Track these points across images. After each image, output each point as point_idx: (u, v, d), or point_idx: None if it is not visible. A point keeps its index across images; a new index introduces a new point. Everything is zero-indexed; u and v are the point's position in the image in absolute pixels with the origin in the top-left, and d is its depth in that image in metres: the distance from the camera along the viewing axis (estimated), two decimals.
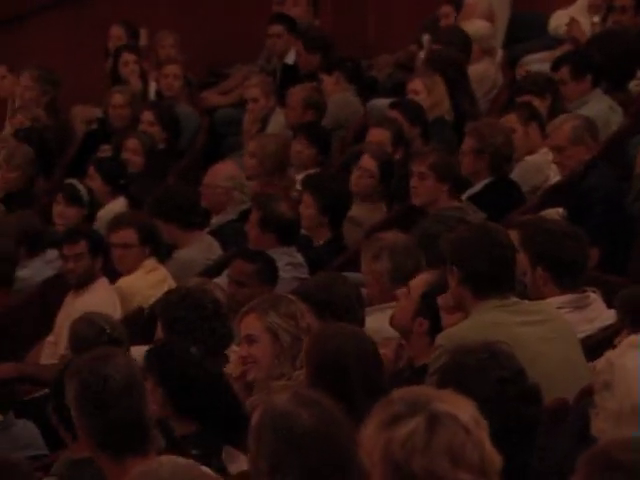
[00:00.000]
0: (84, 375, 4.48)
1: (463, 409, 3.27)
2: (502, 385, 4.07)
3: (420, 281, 5.74)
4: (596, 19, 11.21)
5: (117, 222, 8.71)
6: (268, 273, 7.21)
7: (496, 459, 3.24)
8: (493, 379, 4.06)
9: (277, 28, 12.51)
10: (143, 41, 13.14)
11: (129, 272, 8.39)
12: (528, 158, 8.65)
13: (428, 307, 5.60)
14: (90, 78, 13.04)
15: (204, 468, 3.70)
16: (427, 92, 10.26)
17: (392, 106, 9.77)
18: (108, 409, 4.43)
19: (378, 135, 9.38)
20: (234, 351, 6.06)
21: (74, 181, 10.20)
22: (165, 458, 4.16)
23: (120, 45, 12.77)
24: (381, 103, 10.67)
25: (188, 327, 6.15)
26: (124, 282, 8.33)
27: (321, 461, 3.60)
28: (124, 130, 11.27)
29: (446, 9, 11.96)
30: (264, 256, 7.48)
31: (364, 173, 8.86)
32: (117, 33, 12.97)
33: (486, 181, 8.08)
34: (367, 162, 8.87)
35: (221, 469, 4.84)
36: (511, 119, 8.78)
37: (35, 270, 9.22)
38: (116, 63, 12.52)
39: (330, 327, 5.22)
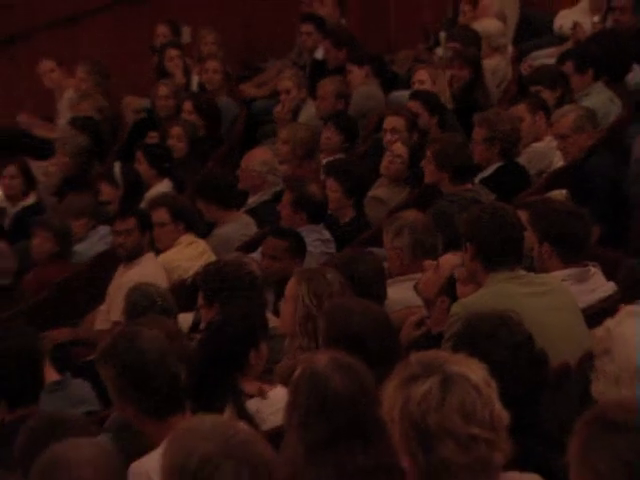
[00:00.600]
0: (123, 356, 4.52)
1: (474, 371, 3.28)
2: (512, 350, 4.08)
3: (449, 262, 5.76)
4: (596, 19, 11.16)
5: (151, 204, 8.79)
6: (298, 248, 7.21)
7: (504, 416, 3.25)
8: (504, 344, 4.07)
9: (307, 27, 12.54)
10: (186, 38, 13.14)
11: (167, 249, 8.42)
12: (535, 144, 8.62)
13: (451, 288, 5.63)
14: (139, 72, 13.03)
15: (241, 423, 3.71)
16: (432, 82, 10.34)
17: (412, 97, 9.75)
18: (150, 380, 4.47)
19: (393, 122, 9.30)
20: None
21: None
22: (205, 415, 4.20)
23: (165, 42, 12.81)
24: (401, 95, 10.69)
25: (226, 297, 6.19)
26: (163, 258, 8.35)
27: (346, 423, 3.61)
28: (169, 119, 11.29)
29: (465, 7, 11.91)
30: (294, 233, 7.48)
31: (395, 159, 8.85)
32: (162, 31, 13.01)
33: (496, 165, 8.05)
34: (399, 148, 8.87)
35: None
36: (520, 109, 8.73)
37: (89, 245, 9.27)
38: (162, 58, 12.54)
39: (343, 302, 5.20)
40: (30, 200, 10.47)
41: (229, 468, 3.09)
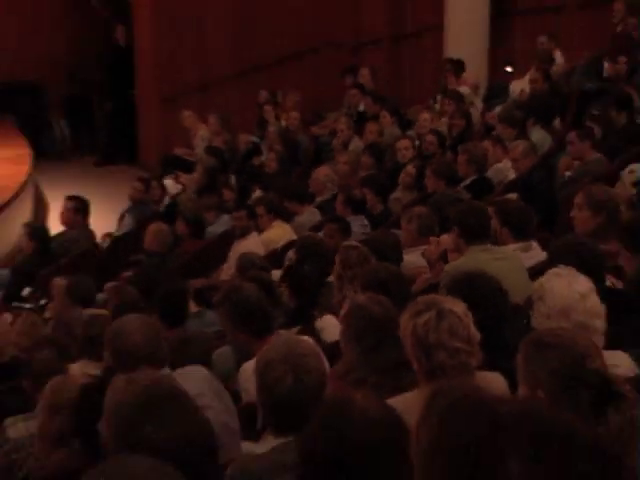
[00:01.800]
0: (234, 300, 4.54)
1: (457, 306, 3.31)
2: (485, 293, 4.06)
3: (445, 240, 5.75)
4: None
5: (255, 202, 8.82)
6: (345, 230, 7.20)
7: (476, 335, 3.27)
8: (480, 289, 4.05)
9: (354, 90, 12.56)
10: (279, 98, 13.16)
11: (265, 231, 8.40)
12: (496, 165, 8.57)
13: (445, 256, 5.63)
14: (248, 118, 13.06)
15: (306, 338, 3.72)
16: (431, 120, 10.36)
17: (430, 132, 9.84)
18: (254, 312, 4.48)
19: (405, 143, 9.58)
20: None
21: None
22: (283, 334, 4.22)
23: (264, 101, 12.84)
24: (412, 133, 10.69)
25: (305, 258, 6.19)
26: (262, 236, 8.32)
27: (383, 336, 3.61)
28: (269, 148, 11.36)
29: (451, 79, 11.87)
30: (343, 220, 7.47)
31: (407, 174, 8.86)
32: (264, 94, 13.04)
33: (472, 178, 8.03)
34: (410, 169, 8.88)
35: None
36: (486, 143, 8.77)
37: (216, 227, 9.31)
38: (262, 111, 12.60)
39: (374, 265, 5.13)
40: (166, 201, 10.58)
41: (282, 370, 3.02)
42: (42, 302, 7.82)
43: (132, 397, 2.32)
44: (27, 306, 7.80)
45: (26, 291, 8.12)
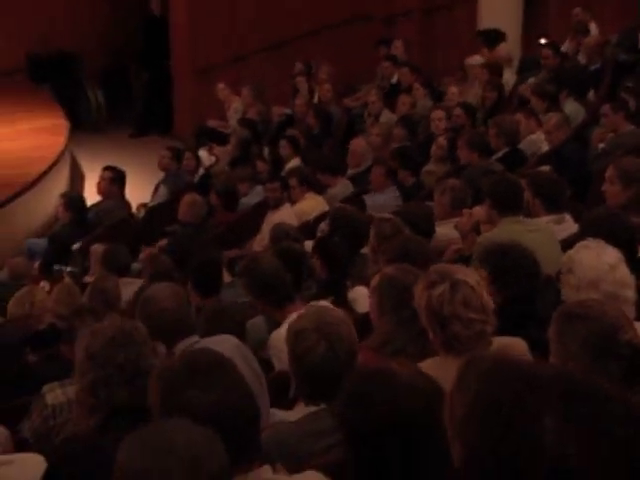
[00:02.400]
0: (253, 272, 4.62)
1: (470, 276, 3.33)
2: (518, 264, 4.07)
3: (477, 212, 5.73)
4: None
5: (288, 173, 8.83)
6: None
7: (490, 303, 3.29)
8: (512, 261, 4.05)
9: (387, 63, 12.54)
10: (313, 70, 13.11)
11: (297, 202, 8.40)
12: (530, 136, 8.51)
13: (478, 228, 5.61)
14: (286, 90, 13.02)
15: (338, 309, 3.73)
16: (459, 93, 10.37)
17: (458, 105, 9.77)
18: (272, 284, 4.52)
19: (438, 114, 9.50)
20: None
21: None
22: (314, 304, 4.24)
23: (297, 72, 12.80)
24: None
25: (337, 230, 6.19)
26: (296, 208, 8.33)
27: (409, 301, 3.59)
28: (300, 120, 11.34)
29: (484, 51, 11.79)
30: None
31: (439, 147, 8.82)
32: (299, 66, 12.98)
33: (505, 150, 8.00)
34: (441, 141, 8.84)
35: None
36: (519, 116, 8.67)
37: (250, 198, 9.33)
38: (294, 82, 12.57)
39: (400, 238, 5.12)
40: (200, 172, 10.59)
41: (314, 339, 3.04)
42: (76, 270, 7.88)
43: (177, 362, 2.36)
44: (68, 269, 7.87)
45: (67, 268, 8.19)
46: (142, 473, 1.74)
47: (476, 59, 11.53)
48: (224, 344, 3.80)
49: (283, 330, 3.90)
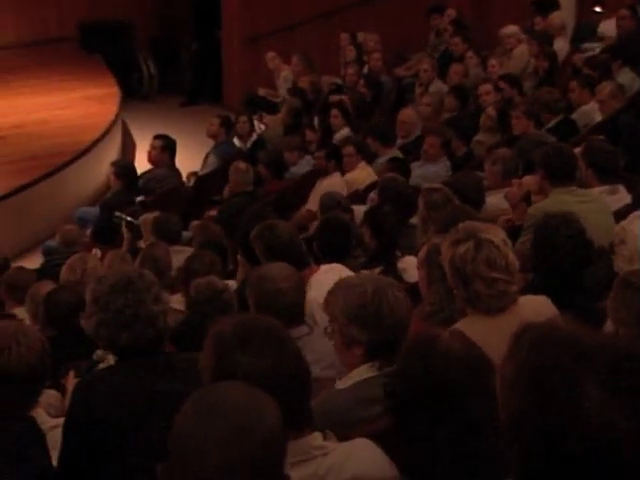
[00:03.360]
0: (267, 238, 4.65)
1: (496, 235, 3.32)
2: (569, 235, 4.03)
3: (528, 182, 5.70)
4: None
5: (342, 142, 8.79)
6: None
7: (515, 262, 3.29)
8: (563, 232, 4.02)
9: (449, 27, 12.37)
10: (360, 39, 13.02)
11: (350, 171, 8.34)
12: (582, 107, 8.42)
13: (528, 197, 5.57)
14: (334, 60, 12.96)
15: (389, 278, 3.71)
16: (499, 65, 10.31)
17: (501, 77, 9.68)
18: (284, 252, 4.51)
19: (486, 88, 9.37)
20: None
21: None
22: (364, 272, 4.23)
23: (345, 43, 12.69)
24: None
25: (387, 200, 6.17)
26: (347, 177, 8.27)
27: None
28: (350, 89, 11.30)
29: (537, 19, 11.64)
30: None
31: (488, 117, 8.72)
32: (344, 36, 12.87)
33: (557, 119, 7.91)
34: (490, 112, 8.76)
35: None
36: (573, 84, 8.57)
37: (299, 167, 9.33)
38: (343, 53, 12.52)
39: (446, 210, 5.08)
40: (253, 137, 10.59)
41: (377, 303, 2.98)
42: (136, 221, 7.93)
43: (232, 327, 2.37)
44: (128, 219, 7.96)
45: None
46: (192, 437, 1.75)
47: (511, 29, 11.36)
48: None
49: (313, 291, 3.91)
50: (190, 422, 1.77)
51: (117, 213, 8.23)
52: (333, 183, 8.02)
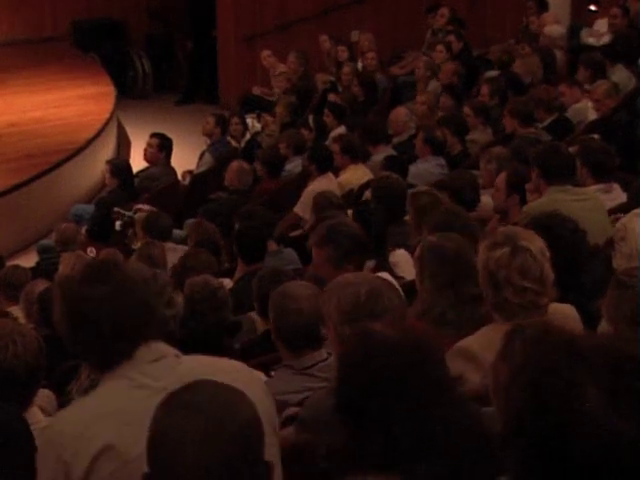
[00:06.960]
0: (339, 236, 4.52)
1: (535, 244, 3.27)
2: (563, 233, 4.01)
3: (500, 179, 5.68)
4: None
5: (331, 140, 8.77)
6: None
7: (550, 275, 3.24)
8: (557, 230, 4.00)
9: (449, 25, 12.31)
10: (354, 38, 12.97)
11: (341, 170, 8.27)
12: (575, 105, 8.42)
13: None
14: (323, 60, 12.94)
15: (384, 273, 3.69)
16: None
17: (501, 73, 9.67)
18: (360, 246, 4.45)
19: (486, 88, 9.28)
20: None
21: None
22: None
23: (329, 45, 12.57)
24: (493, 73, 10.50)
25: (380, 199, 6.15)
26: (341, 178, 8.19)
27: (457, 272, 3.58)
28: (345, 88, 11.26)
29: (532, 19, 11.64)
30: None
31: (467, 115, 8.68)
32: (324, 38, 12.67)
33: (552, 117, 7.90)
34: (467, 110, 8.76)
35: None
36: (562, 86, 8.59)
37: (293, 166, 9.29)
38: (336, 52, 12.47)
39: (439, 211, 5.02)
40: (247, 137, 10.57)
41: (372, 303, 2.93)
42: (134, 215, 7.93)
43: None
44: (128, 214, 7.94)
45: (118, 225, 8.24)
46: (168, 437, 1.76)
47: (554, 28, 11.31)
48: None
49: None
50: (165, 422, 1.77)
51: (116, 209, 8.22)
52: (324, 183, 7.96)
